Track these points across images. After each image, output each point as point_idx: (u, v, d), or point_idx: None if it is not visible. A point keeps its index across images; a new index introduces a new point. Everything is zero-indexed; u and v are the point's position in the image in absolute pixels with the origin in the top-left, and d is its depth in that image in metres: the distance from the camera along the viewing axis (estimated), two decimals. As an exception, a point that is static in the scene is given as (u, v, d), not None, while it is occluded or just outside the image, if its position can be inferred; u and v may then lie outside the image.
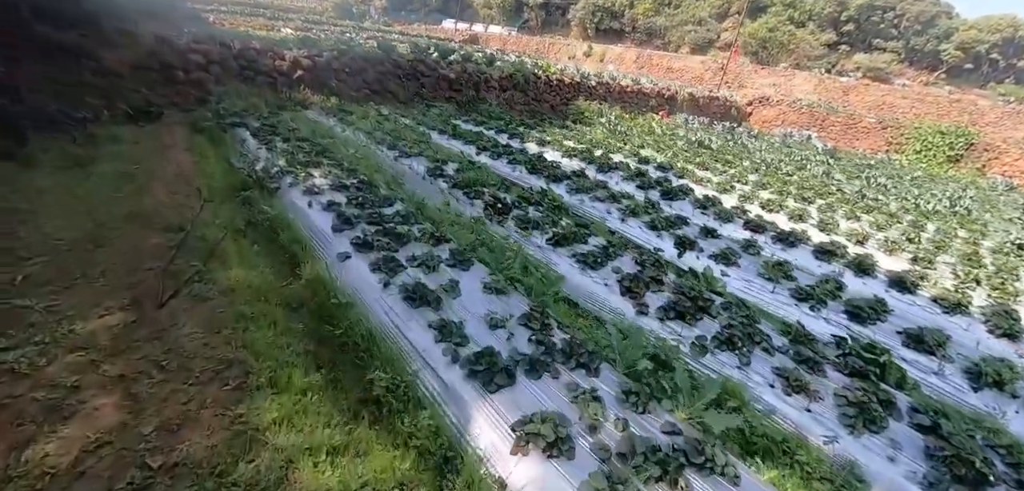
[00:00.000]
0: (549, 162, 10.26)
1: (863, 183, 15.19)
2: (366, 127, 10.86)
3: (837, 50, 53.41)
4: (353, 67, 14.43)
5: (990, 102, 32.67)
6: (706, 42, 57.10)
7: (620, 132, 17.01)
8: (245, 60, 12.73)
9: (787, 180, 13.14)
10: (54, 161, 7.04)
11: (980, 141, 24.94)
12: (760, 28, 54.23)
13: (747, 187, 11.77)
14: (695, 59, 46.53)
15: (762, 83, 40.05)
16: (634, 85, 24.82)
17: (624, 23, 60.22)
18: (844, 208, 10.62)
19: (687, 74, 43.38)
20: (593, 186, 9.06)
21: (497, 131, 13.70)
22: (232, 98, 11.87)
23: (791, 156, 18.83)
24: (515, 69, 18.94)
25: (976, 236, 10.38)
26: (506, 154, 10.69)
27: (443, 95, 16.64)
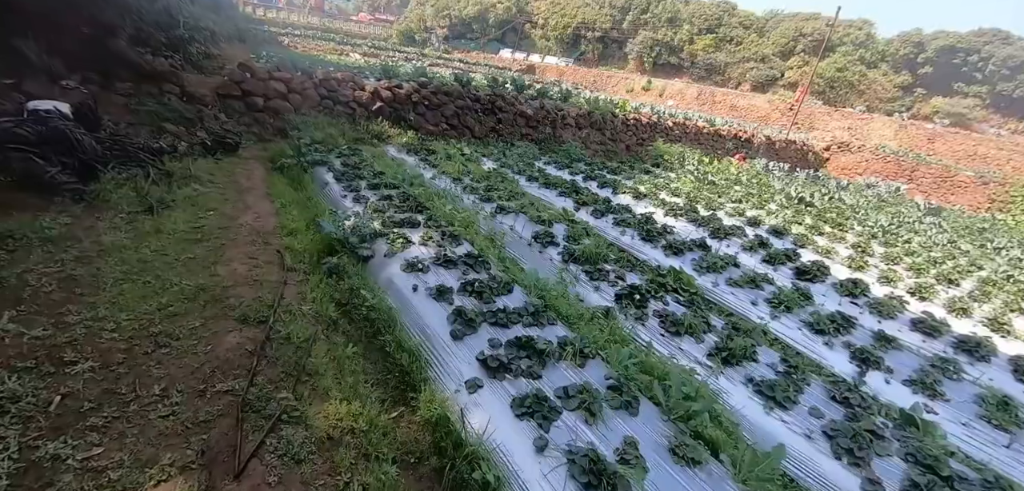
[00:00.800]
0: (660, 226, 8.71)
1: (997, 256, 12.84)
2: (452, 170, 9.64)
3: (912, 93, 49.64)
4: (432, 100, 13.41)
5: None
6: (769, 80, 54.38)
7: (709, 181, 15.25)
8: (326, 89, 11.88)
9: (911, 250, 11.07)
10: (125, 202, 6.08)
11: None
12: (828, 67, 51.17)
13: (876, 259, 9.87)
14: (761, 97, 44.03)
15: (835, 126, 37.22)
16: (709, 125, 22.99)
17: (683, 58, 58.28)
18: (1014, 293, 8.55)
19: (752, 113, 40.97)
20: (722, 264, 7.44)
21: (584, 177, 12.29)
22: (310, 129, 10.98)
23: (893, 214, 16.53)
24: (593, 107, 17.57)
25: None
26: (607, 211, 9.21)
27: (520, 132, 15.43)
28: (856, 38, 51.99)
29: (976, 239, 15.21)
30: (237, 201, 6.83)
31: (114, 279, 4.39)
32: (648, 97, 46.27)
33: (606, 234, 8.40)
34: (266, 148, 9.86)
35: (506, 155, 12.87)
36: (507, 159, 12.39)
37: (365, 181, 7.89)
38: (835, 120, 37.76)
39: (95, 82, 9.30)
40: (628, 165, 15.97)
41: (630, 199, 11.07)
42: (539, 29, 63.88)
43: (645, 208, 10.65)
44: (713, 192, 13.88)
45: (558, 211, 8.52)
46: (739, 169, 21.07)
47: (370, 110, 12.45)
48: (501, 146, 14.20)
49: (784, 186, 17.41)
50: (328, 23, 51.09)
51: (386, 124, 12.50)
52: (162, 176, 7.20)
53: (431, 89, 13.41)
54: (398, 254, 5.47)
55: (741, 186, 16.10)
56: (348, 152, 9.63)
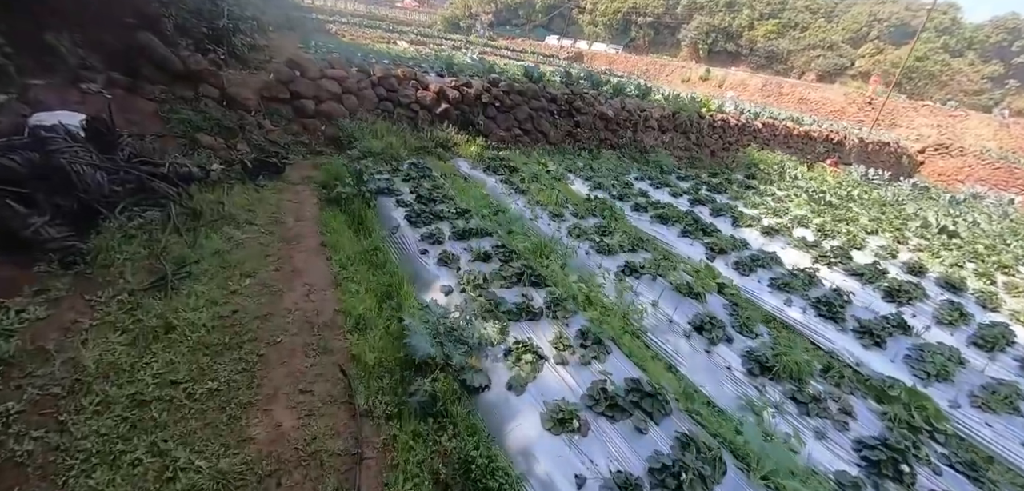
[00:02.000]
0: (831, 293, 6.33)
1: None
2: (545, 199, 7.49)
3: (1004, 85, 44.10)
4: (504, 102, 11.26)
5: None
6: (837, 69, 49.58)
7: (826, 201, 12.58)
8: (385, 88, 9.91)
9: None
10: (130, 267, 4.26)
11: None
12: (907, 56, 46.09)
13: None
14: (834, 89, 39.79)
15: (921, 123, 33.00)
16: (797, 126, 19.98)
17: (741, 45, 53.93)
18: None
19: (825, 107, 36.95)
20: (942, 365, 5.07)
21: (690, 198, 9.93)
22: (367, 137, 9.06)
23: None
24: (677, 107, 15.03)
25: None
26: (754, 264, 6.89)
27: (598, 136, 13.13)
28: (940, 24, 46.58)
29: None
30: (282, 259, 4.91)
31: (82, 459, 2.51)
32: (706, 88, 42.68)
33: (761, 302, 6.11)
34: (317, 164, 7.98)
35: (593, 169, 10.63)
36: (596, 174, 10.16)
37: (446, 223, 5.84)
38: (921, 116, 33.45)
39: (121, 84, 7.60)
40: (724, 176, 13.44)
41: (757, 235, 8.68)
42: (587, 14, 60.47)
43: (781, 248, 8.25)
44: (835, 215, 11.26)
45: (696, 266, 6.26)
46: (835, 176, 18.12)
47: (434, 113, 10.42)
48: (585, 157, 11.97)
49: (904, 204, 14.47)
50: (374, 10, 49.42)
51: (452, 130, 10.45)
52: (187, 217, 5.37)
53: (503, 88, 11.26)
54: (528, 383, 3.40)
55: (860, 205, 13.35)
56: (416, 174, 7.62)
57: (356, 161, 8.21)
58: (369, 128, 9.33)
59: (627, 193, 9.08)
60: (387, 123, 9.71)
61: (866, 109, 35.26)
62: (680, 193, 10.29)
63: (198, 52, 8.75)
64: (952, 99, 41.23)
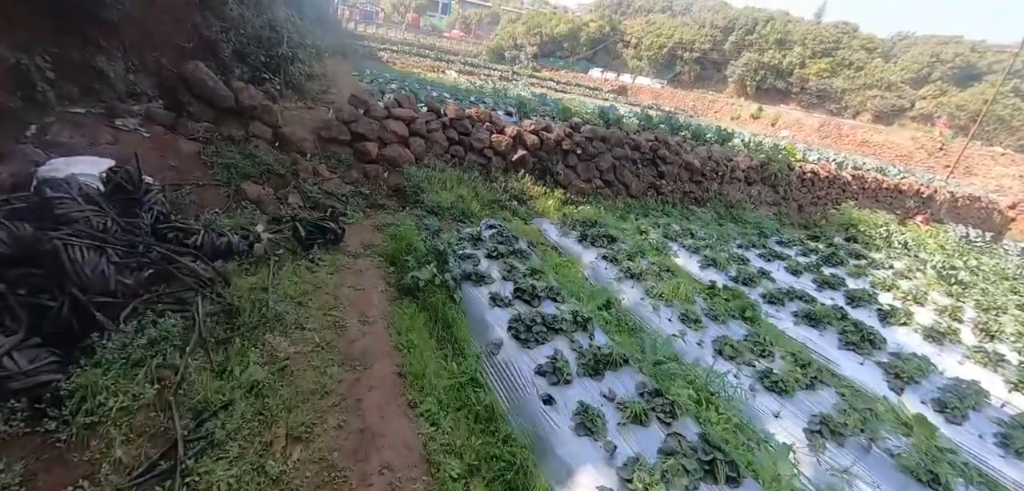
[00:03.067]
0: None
1: None
2: (664, 290, 5.69)
3: (1084, 135, 39.97)
4: (586, 149, 9.60)
5: None
6: (895, 110, 46.27)
7: (956, 279, 10.33)
8: (457, 131, 8.41)
9: None
10: (128, 406, 2.74)
11: None
12: (973, 98, 42.55)
13: None
14: (901, 133, 36.77)
15: (1001, 172, 29.77)
16: (883, 177, 17.61)
17: (791, 83, 51.19)
18: None
19: (890, 151, 34.01)
20: None
21: (816, 281, 7.95)
22: (435, 188, 7.56)
23: None
24: (767, 157, 13.06)
25: None
26: (963, 404, 4.89)
27: (682, 188, 11.31)
28: (1010, 65, 42.89)
29: None
30: (346, 405, 3.26)
31: None
32: (757, 126, 40.27)
33: (1002, 480, 4.13)
34: (380, 225, 6.46)
35: (693, 234, 8.77)
36: (699, 242, 8.31)
37: (565, 340, 4.13)
38: (1000, 165, 30.19)
39: (162, 120, 6.31)
40: (826, 241, 11.36)
41: (920, 340, 6.63)
42: (631, 48, 58.89)
43: (958, 362, 6.20)
44: (981, 302, 9.04)
45: (902, 416, 4.33)
46: (933, 236, 15.67)
47: (509, 160, 8.85)
48: (675, 215, 10.19)
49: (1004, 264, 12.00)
50: (422, 39, 49.29)
51: (528, 179, 8.85)
52: (220, 318, 3.85)
53: (585, 134, 9.61)
54: None
55: (985, 281, 11.02)
56: (501, 246, 5.95)
57: (424, 218, 6.67)
58: (437, 177, 7.82)
59: (747, 274, 7.19)
60: (457, 171, 8.18)
61: (937, 155, 32.19)
62: (799, 269, 8.32)
63: (252, 82, 7.48)
64: (1012, 145, 37.59)
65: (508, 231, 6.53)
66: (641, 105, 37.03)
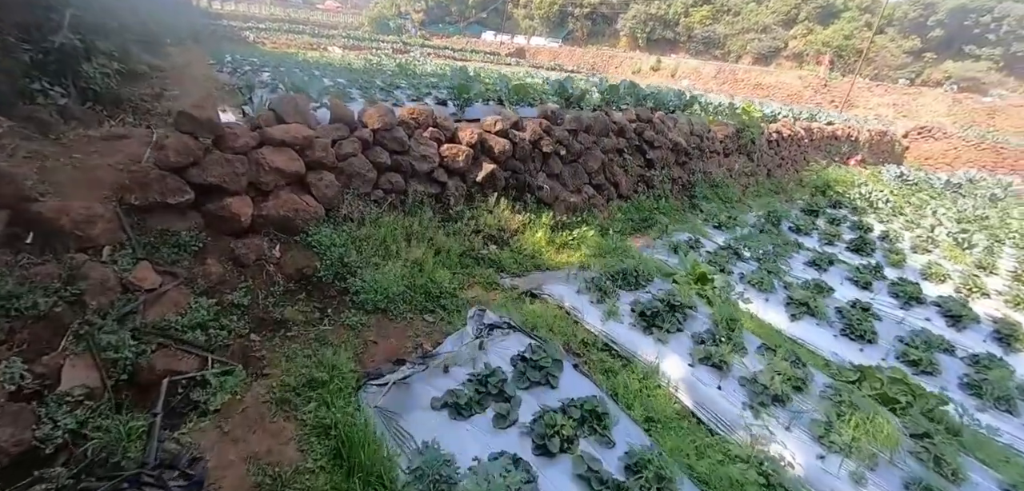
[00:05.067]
0: None
1: None
2: (839, 431, 3.22)
3: (922, 58, 45.62)
4: (570, 146, 6.80)
5: None
6: (772, 52, 49.32)
7: (967, 243, 9.38)
8: (387, 150, 5.08)
9: None
10: None
11: None
12: (835, 35, 46.55)
13: None
14: (790, 73, 38.74)
15: (878, 103, 32.39)
16: (824, 127, 17.19)
17: (678, 32, 52.35)
18: None
19: (782, 91, 35.63)
20: None
21: (898, 296, 6.10)
22: (371, 259, 4.36)
23: None
24: (742, 124, 11.32)
25: None
26: None
27: (670, 175, 9.05)
28: (861, 3, 47.45)
29: None
30: None
31: None
32: (658, 78, 40.28)
33: None
34: (286, 393, 3.18)
35: (738, 252, 6.48)
36: (756, 265, 6.04)
37: None
38: (877, 96, 32.87)
39: None
40: (809, 214, 9.92)
41: None
42: (522, 9, 56.38)
43: None
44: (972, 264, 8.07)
45: None
46: (877, 181, 15.45)
47: (470, 180, 5.78)
48: (676, 212, 7.89)
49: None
50: (293, 13, 42.16)
51: (503, 206, 5.89)
52: None
53: (567, 127, 6.78)
54: None
55: (964, 224, 10.39)
56: (536, 377, 3.05)
57: (364, 329, 3.55)
58: (371, 236, 4.57)
59: (862, 325, 5.03)
60: (398, 215, 4.97)
61: (821, 91, 34.30)
62: (862, 279, 6.46)
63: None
64: (868, 75, 41.88)
65: (519, 331, 3.61)
66: (544, 66, 34.82)
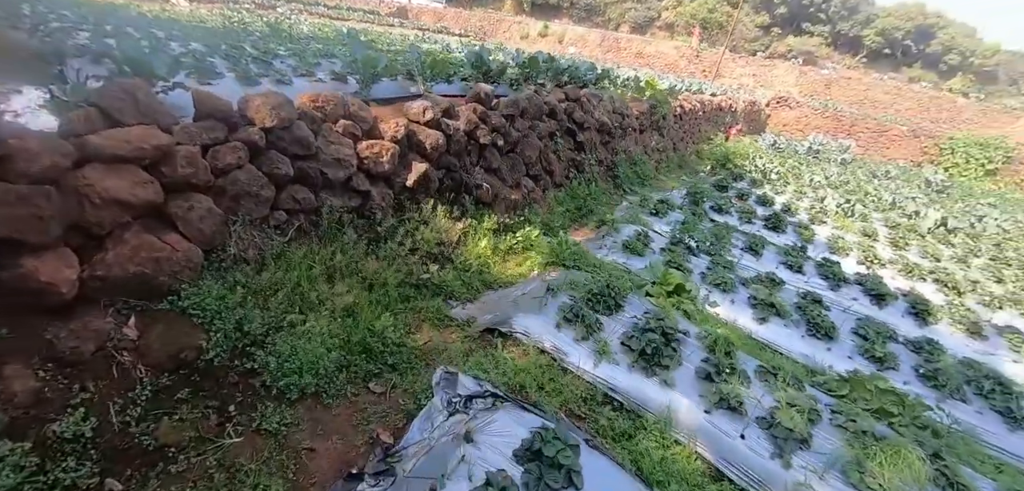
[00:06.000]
0: None
1: None
2: None
3: (770, 33, 52.08)
4: (508, 135, 5.94)
5: (968, 101, 31.95)
6: (647, 21, 52.54)
7: (858, 214, 10.51)
8: (288, 156, 3.79)
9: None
10: None
11: (1016, 154, 22.90)
12: (700, 8, 50.93)
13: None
14: (668, 43, 41.36)
15: (741, 73, 36.13)
16: (713, 98, 18.40)
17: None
18: None
19: (661, 60, 37.99)
20: None
21: (825, 278, 6.39)
22: (282, 319, 3.18)
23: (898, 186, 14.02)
24: (655, 100, 11.37)
25: None
26: None
27: (597, 156, 8.69)
28: (723, -21, 52.34)
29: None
30: None
31: None
32: (546, 44, 40.46)
33: None
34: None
35: (690, 246, 6.25)
36: (708, 259, 5.85)
37: None
38: (740, 67, 36.65)
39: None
40: (720, 189, 10.43)
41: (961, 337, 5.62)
42: (400, -39, 52.53)
43: (998, 356, 5.36)
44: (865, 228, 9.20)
45: None
46: (756, 149, 17.01)
47: (400, 185, 4.68)
48: (602, 198, 7.51)
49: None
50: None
51: (440, 213, 4.90)
52: None
53: (503, 112, 5.89)
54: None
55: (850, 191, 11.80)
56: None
57: (284, 434, 2.51)
58: (276, 283, 3.35)
59: (818, 319, 5.06)
60: (310, 242, 3.76)
61: (694, 61, 37.30)
62: (794, 262, 6.71)
63: None
64: (723, 45, 46.96)
65: (505, 391, 2.83)
66: (429, 29, 32.81)
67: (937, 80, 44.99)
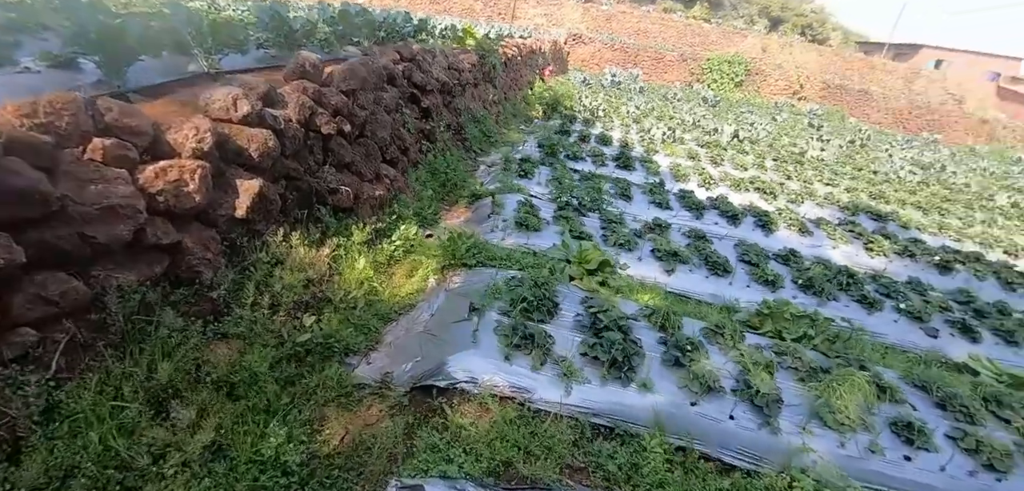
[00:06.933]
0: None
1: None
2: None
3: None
4: (355, 118, 4.63)
5: (711, 25, 38.76)
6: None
7: (659, 137, 11.65)
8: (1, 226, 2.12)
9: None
10: None
11: (754, 68, 28.89)
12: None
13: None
14: (462, -12, 40.54)
15: (533, 13, 37.72)
16: (528, 41, 18.61)
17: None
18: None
19: (457, 6, 37.30)
20: None
21: (691, 211, 6.79)
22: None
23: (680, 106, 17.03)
24: (483, 50, 10.74)
25: None
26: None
27: (444, 121, 7.81)
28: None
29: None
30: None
31: None
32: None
33: None
34: None
35: (575, 220, 5.89)
36: (620, 239, 5.60)
37: None
38: (532, 8, 38.24)
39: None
40: (562, 134, 10.62)
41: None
42: None
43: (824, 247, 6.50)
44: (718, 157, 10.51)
45: None
46: (565, 85, 17.92)
47: (225, 222, 3.21)
48: (506, 181, 6.77)
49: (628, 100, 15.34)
50: None
51: (295, 241, 3.57)
52: None
53: (341, 85, 4.54)
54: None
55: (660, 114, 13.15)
56: None
57: None
58: (63, 477, 1.86)
59: (715, 260, 5.22)
60: (104, 368, 2.25)
61: (491, 5, 37.71)
62: (658, 199, 7.01)
63: None
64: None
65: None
66: None
67: (684, 9, 53.89)
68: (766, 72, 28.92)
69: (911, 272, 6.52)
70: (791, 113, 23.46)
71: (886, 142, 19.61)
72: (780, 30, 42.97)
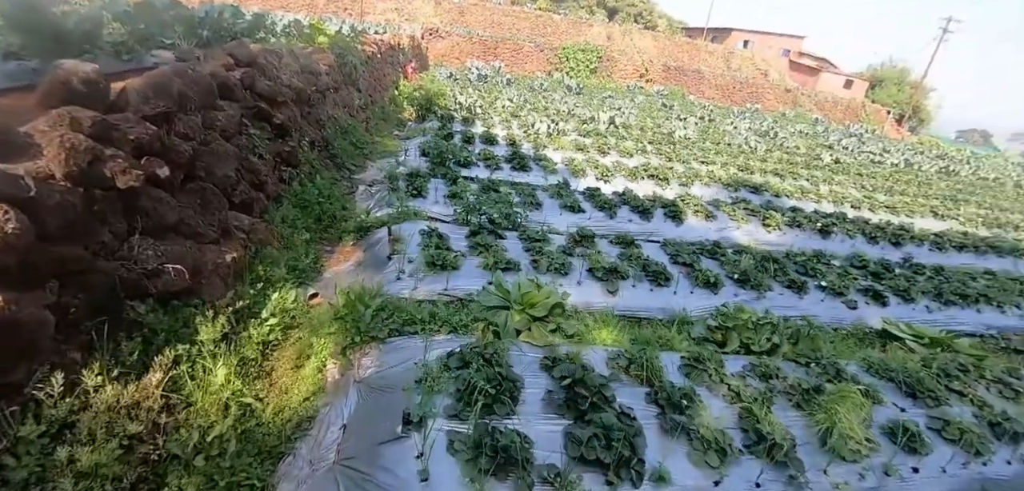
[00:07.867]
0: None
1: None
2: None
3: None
4: (175, 152, 3.15)
5: (561, 16, 40.20)
6: (261, -42, 45.79)
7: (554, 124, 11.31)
8: None
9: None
10: None
11: (605, 55, 30.51)
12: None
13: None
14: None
15: (384, 8, 35.52)
16: (385, 36, 17.05)
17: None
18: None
19: (295, 2, 33.53)
20: None
21: (589, 199, 6.32)
22: None
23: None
24: (341, 48, 9.21)
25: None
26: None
27: (306, 138, 6.35)
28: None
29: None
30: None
31: None
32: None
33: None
34: None
35: (495, 246, 4.94)
36: (554, 264, 4.77)
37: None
38: (382, 2, 36.03)
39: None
40: (446, 139, 9.68)
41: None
42: None
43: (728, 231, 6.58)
44: (602, 145, 10.37)
45: None
46: (435, 82, 16.85)
47: None
48: (401, 207, 5.49)
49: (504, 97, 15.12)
50: None
51: (92, 379, 2.15)
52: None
53: (144, 106, 3.05)
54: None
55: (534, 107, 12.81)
56: None
57: None
58: None
59: (618, 268, 4.70)
60: None
61: (342, 1, 34.79)
62: (533, 201, 6.44)
63: None
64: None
65: None
66: None
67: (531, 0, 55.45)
68: (615, 58, 30.78)
69: (801, 242, 6.85)
70: (645, 96, 25.18)
71: (727, 116, 21.89)
72: (617, 19, 46.39)
